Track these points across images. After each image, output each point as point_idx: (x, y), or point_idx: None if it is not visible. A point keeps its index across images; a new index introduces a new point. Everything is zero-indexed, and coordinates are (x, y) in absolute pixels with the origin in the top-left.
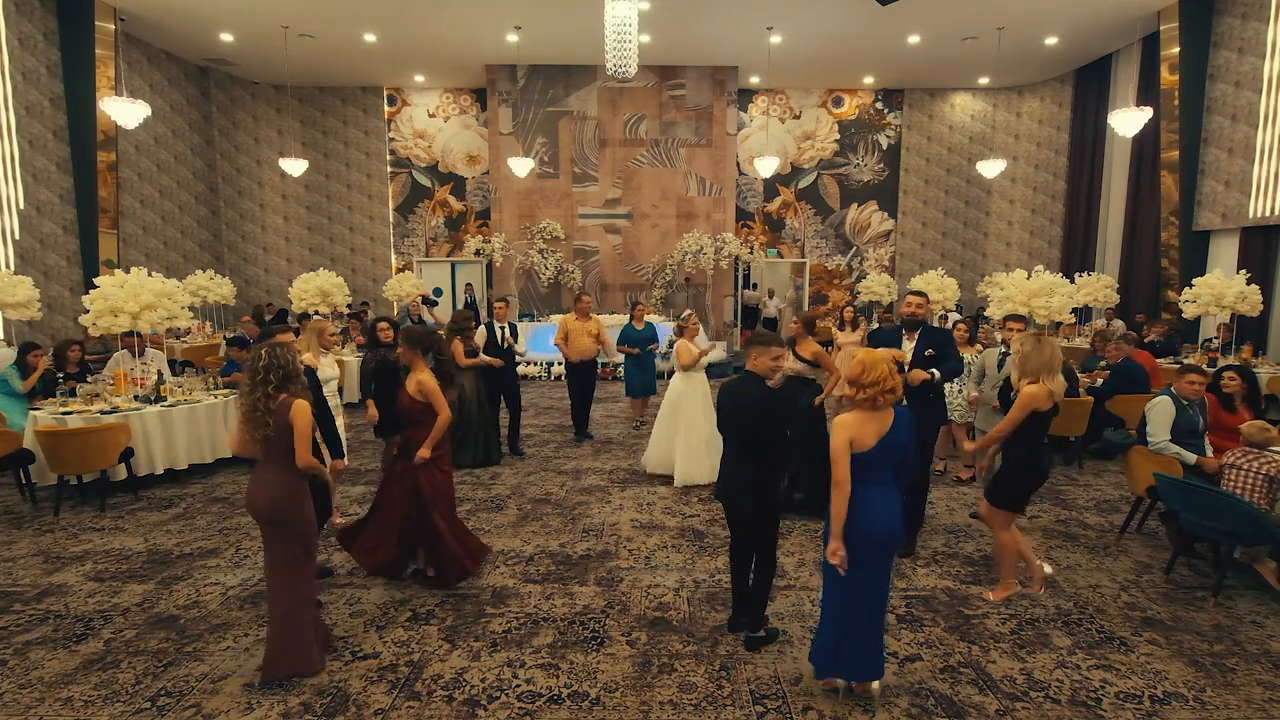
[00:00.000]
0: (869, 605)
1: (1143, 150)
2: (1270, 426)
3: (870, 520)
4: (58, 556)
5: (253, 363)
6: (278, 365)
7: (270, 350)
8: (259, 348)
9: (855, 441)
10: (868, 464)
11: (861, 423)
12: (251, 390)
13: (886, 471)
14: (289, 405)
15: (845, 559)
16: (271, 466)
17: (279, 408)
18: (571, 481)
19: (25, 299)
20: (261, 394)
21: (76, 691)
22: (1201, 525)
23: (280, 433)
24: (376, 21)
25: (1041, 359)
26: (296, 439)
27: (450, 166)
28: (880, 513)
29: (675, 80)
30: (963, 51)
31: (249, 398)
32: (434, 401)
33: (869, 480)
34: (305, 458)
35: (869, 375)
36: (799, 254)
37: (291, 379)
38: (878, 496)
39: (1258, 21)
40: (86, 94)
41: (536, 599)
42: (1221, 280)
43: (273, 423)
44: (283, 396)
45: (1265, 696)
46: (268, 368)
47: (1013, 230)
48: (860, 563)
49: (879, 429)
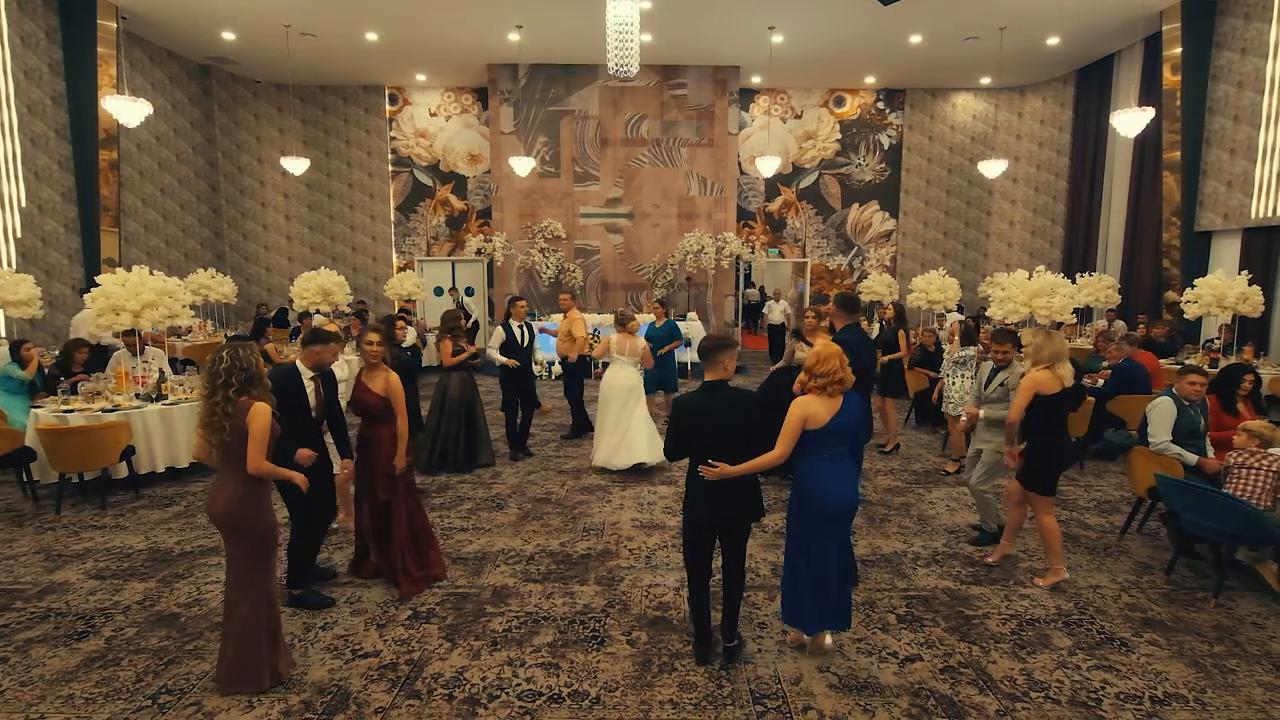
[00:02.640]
0: (826, 566)
1: (1144, 151)
2: (1274, 426)
3: (825, 489)
4: (59, 554)
5: (213, 365)
6: (240, 368)
7: (232, 352)
8: (220, 349)
9: (810, 419)
10: (822, 440)
11: (816, 403)
12: (211, 394)
13: (841, 448)
14: (247, 408)
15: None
16: (229, 472)
17: (237, 411)
18: (572, 481)
19: (27, 297)
20: (221, 398)
21: (77, 689)
22: (1202, 526)
23: (237, 437)
24: (378, 20)
25: (1053, 347)
26: (250, 443)
27: (451, 166)
28: (834, 484)
29: (677, 80)
30: (964, 51)
31: (208, 402)
32: (395, 403)
33: (824, 456)
34: (257, 462)
35: (821, 367)
36: (800, 254)
37: (253, 382)
38: (831, 470)
39: (1260, 22)
40: (88, 92)
41: (537, 598)
42: (1223, 281)
43: (229, 427)
44: (242, 400)
45: (1266, 698)
46: (229, 370)
47: (1014, 230)
48: (818, 528)
49: (831, 409)
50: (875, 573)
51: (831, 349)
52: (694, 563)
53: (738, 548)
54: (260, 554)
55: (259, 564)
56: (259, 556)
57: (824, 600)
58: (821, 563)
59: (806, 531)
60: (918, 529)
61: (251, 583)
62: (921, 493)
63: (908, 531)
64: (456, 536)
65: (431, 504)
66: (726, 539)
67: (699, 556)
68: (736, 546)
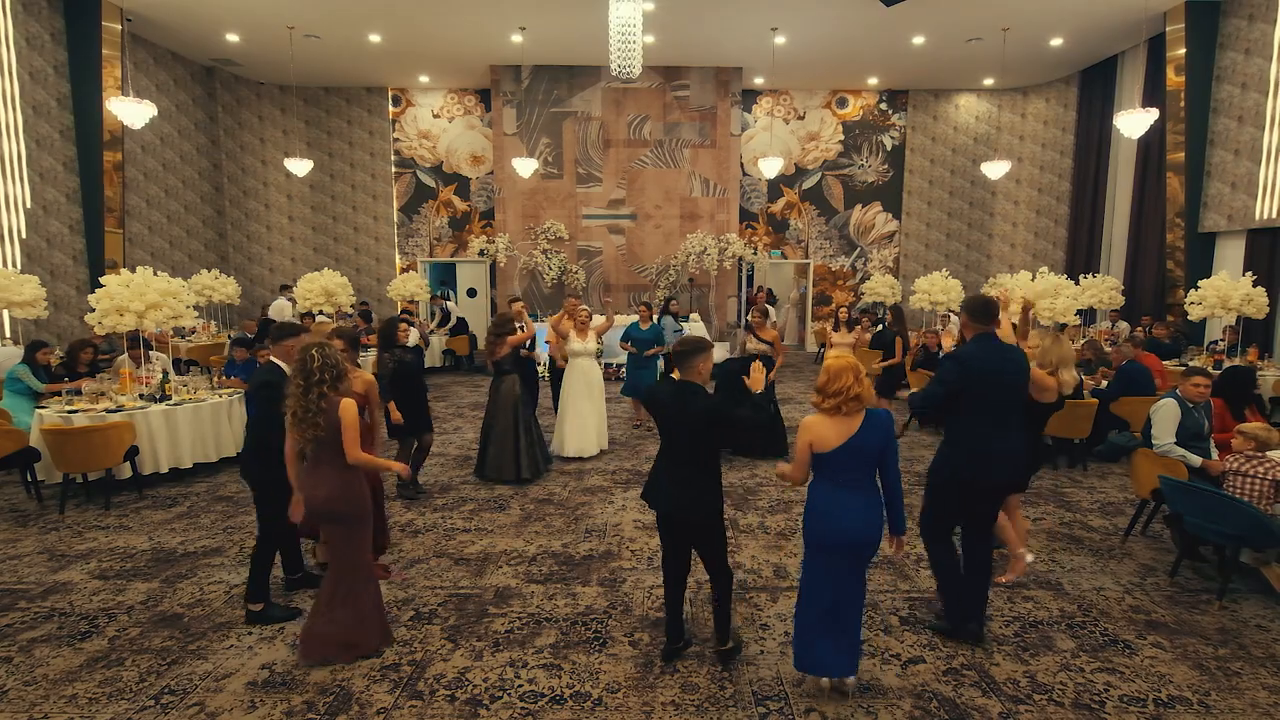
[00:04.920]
0: (838, 605)
1: (1148, 152)
2: (1272, 428)
3: (828, 516)
4: (63, 554)
5: (305, 364)
6: (330, 365)
7: (321, 350)
8: (309, 349)
9: (817, 442)
10: (833, 465)
11: (825, 424)
12: (306, 391)
13: (857, 474)
14: (337, 404)
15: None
16: (325, 464)
17: (330, 406)
18: (574, 482)
19: (31, 297)
20: (316, 394)
21: (81, 689)
22: (1206, 528)
23: (331, 432)
24: (381, 22)
25: (1059, 352)
26: (345, 435)
27: (454, 167)
28: (840, 513)
29: (679, 81)
30: (967, 52)
31: (303, 399)
32: (372, 408)
33: (836, 482)
34: (355, 453)
35: (833, 385)
36: (803, 255)
37: (342, 378)
38: (843, 498)
39: (1264, 23)
40: (93, 94)
41: (539, 599)
42: (1227, 282)
43: (323, 423)
44: (333, 396)
45: (1270, 701)
46: (322, 368)
47: (1017, 231)
48: (820, 559)
49: (844, 431)
50: (878, 574)
51: (845, 363)
52: (665, 559)
53: (706, 545)
54: (362, 534)
55: (361, 542)
56: (360, 535)
57: (836, 635)
58: (828, 597)
59: (810, 558)
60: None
61: (358, 561)
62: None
63: (909, 533)
64: (459, 537)
65: (433, 504)
66: (691, 534)
67: (666, 551)
68: (704, 543)
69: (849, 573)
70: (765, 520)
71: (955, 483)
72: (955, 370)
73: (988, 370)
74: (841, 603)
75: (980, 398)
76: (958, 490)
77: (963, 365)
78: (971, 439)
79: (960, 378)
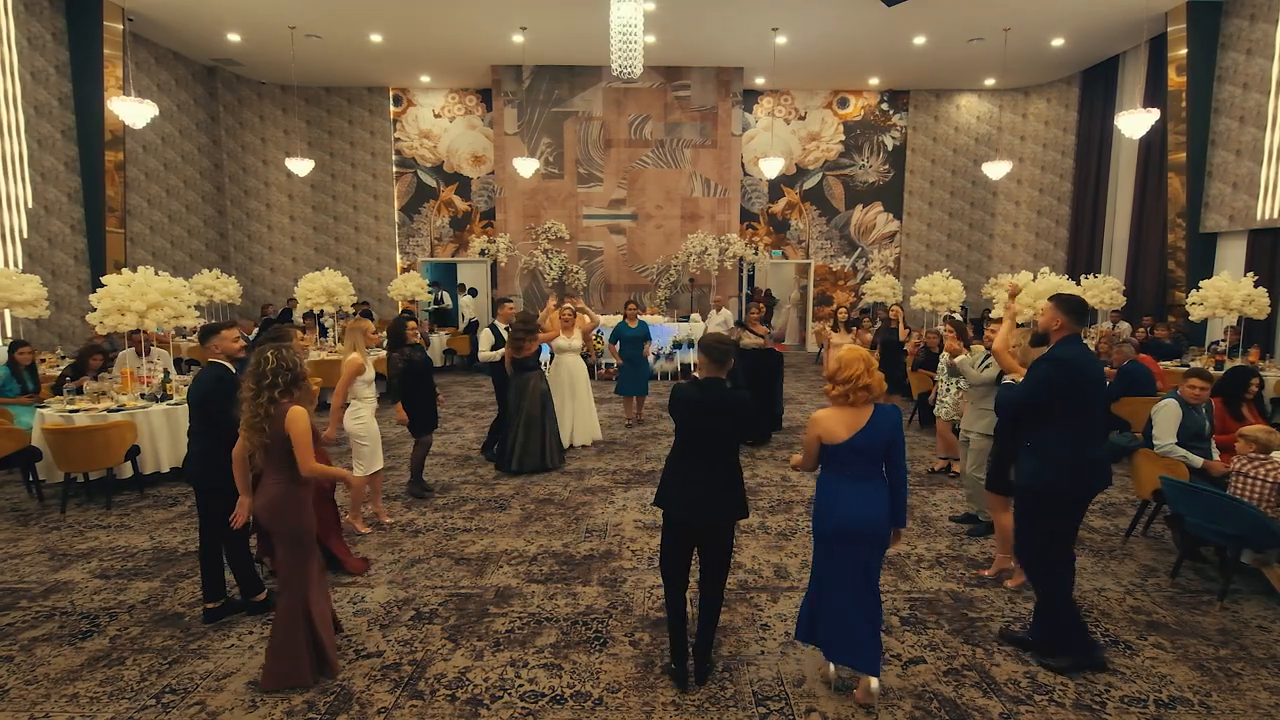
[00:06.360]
0: (842, 595)
1: (1150, 152)
2: (1273, 430)
3: (834, 506)
4: (64, 553)
5: (258, 366)
6: (285, 369)
7: (277, 353)
8: (263, 350)
9: (826, 435)
10: (841, 458)
11: (834, 418)
12: (256, 395)
13: (864, 467)
14: (284, 412)
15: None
16: (269, 473)
17: (278, 414)
18: (575, 481)
19: (33, 297)
20: (266, 399)
21: (82, 688)
22: (1207, 529)
23: (276, 440)
24: (383, 22)
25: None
26: (297, 448)
27: (455, 167)
28: (846, 502)
29: (680, 81)
30: (968, 53)
31: (252, 403)
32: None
33: (844, 474)
34: (309, 465)
35: (844, 373)
36: (804, 255)
37: (297, 383)
38: (850, 490)
39: (1266, 23)
40: (94, 94)
41: (540, 599)
42: (1229, 283)
43: (269, 429)
44: (283, 402)
45: (1271, 702)
46: (275, 371)
47: (1018, 232)
48: (827, 548)
49: (853, 424)
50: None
51: (856, 353)
52: (670, 568)
53: (716, 551)
54: (296, 553)
55: (295, 562)
56: (295, 555)
57: (843, 631)
58: (836, 588)
59: (819, 549)
60: (921, 531)
61: (288, 580)
62: (925, 494)
63: (911, 534)
64: (460, 537)
65: (434, 504)
66: (704, 539)
67: (675, 561)
68: (715, 549)
69: (857, 567)
70: (766, 520)
71: (1051, 497)
72: (1056, 373)
73: (1088, 374)
74: (848, 597)
75: (1078, 403)
76: (1053, 505)
77: (1064, 368)
78: (1067, 448)
79: (1064, 383)
